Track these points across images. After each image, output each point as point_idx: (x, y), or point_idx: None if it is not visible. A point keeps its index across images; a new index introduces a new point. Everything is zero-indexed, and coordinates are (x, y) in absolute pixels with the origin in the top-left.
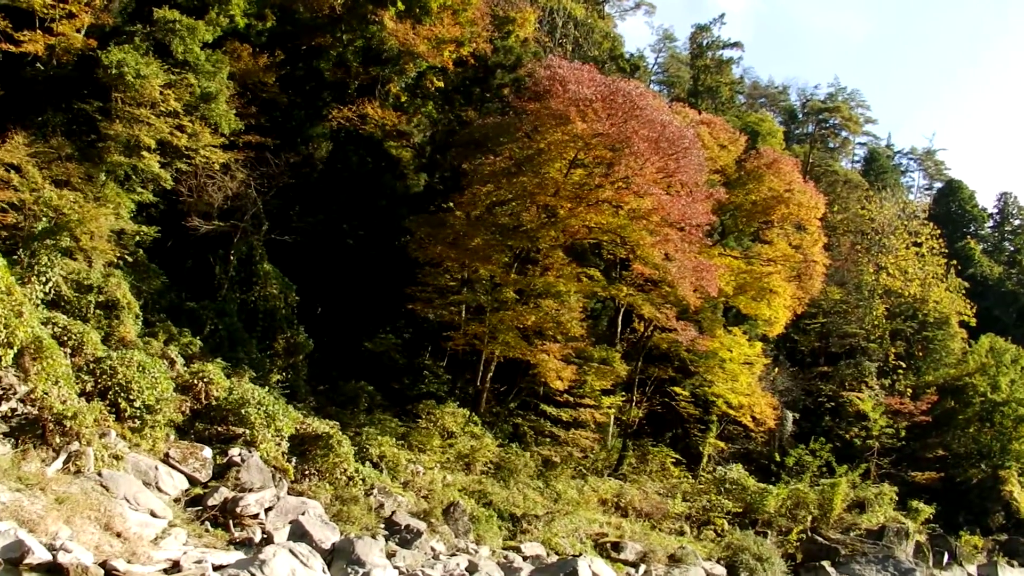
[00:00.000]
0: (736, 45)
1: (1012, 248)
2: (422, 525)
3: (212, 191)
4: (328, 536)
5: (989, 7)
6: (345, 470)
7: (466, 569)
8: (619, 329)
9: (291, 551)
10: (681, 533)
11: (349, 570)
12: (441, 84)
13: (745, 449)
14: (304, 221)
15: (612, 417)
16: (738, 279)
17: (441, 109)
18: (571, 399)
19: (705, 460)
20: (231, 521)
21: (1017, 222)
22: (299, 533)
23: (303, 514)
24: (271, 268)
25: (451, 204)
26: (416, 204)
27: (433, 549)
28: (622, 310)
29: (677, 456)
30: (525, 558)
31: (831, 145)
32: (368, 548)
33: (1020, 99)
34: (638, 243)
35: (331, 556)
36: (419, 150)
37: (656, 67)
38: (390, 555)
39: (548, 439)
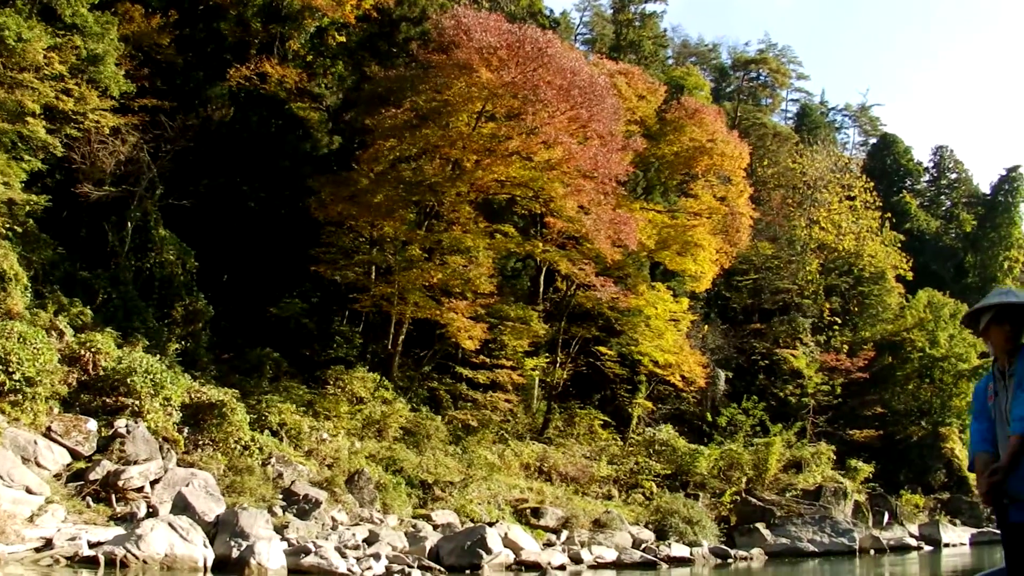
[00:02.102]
0: None
1: (949, 203)
2: (323, 495)
3: (104, 157)
4: (213, 508)
5: None
6: (240, 439)
7: (365, 540)
8: (541, 288)
9: (170, 525)
10: (609, 497)
11: (232, 543)
12: (343, 39)
13: (677, 410)
14: (202, 185)
15: (536, 379)
16: (661, 233)
17: (349, 68)
18: (488, 361)
19: (635, 422)
20: (114, 495)
21: (954, 176)
22: (182, 506)
23: (187, 485)
24: (167, 233)
25: (358, 164)
26: (324, 165)
27: (334, 519)
28: (544, 269)
29: (605, 418)
30: (436, 527)
31: (764, 102)
32: (253, 519)
33: (956, 53)
34: (551, 196)
35: (215, 529)
36: (333, 113)
37: (581, 26)
38: (283, 526)
39: (470, 404)
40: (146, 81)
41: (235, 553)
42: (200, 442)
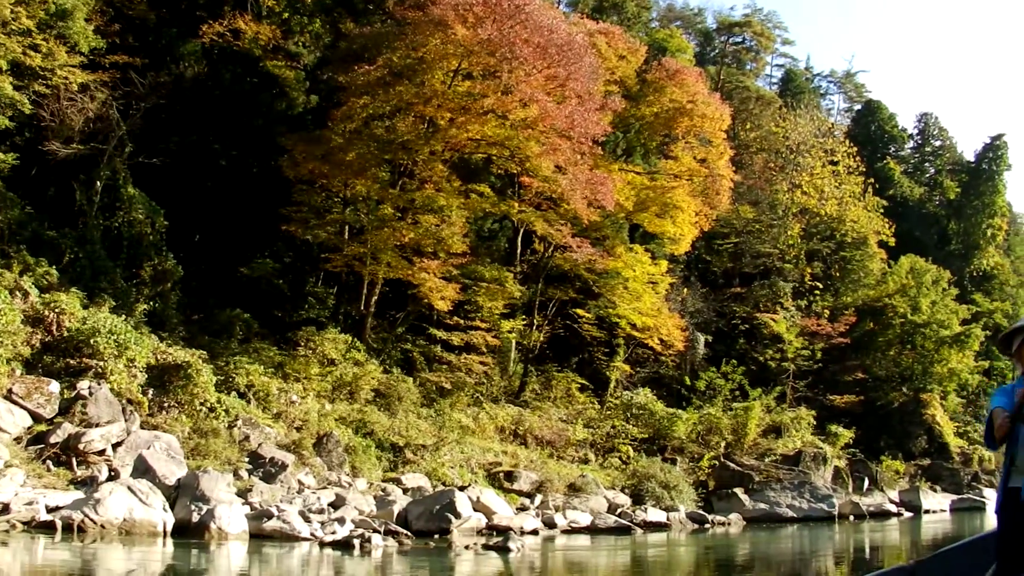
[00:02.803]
0: None
1: (933, 170)
2: (290, 458)
3: (73, 114)
4: (174, 471)
5: None
6: (206, 401)
7: (331, 504)
8: (518, 250)
9: (130, 488)
10: (585, 461)
11: (192, 507)
12: None
13: (656, 374)
14: (173, 143)
15: (513, 342)
16: (640, 195)
17: (326, 27)
18: (462, 322)
19: (613, 385)
20: (74, 459)
21: (938, 143)
22: (142, 469)
23: (148, 448)
24: (137, 192)
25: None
26: (300, 124)
27: (301, 483)
28: (521, 230)
29: (583, 381)
30: (405, 490)
31: (748, 66)
32: (214, 483)
33: (943, 20)
34: (527, 155)
35: (176, 492)
36: (310, 71)
37: None
38: (247, 490)
39: (445, 367)
40: (117, 37)
41: (195, 517)
42: (165, 404)
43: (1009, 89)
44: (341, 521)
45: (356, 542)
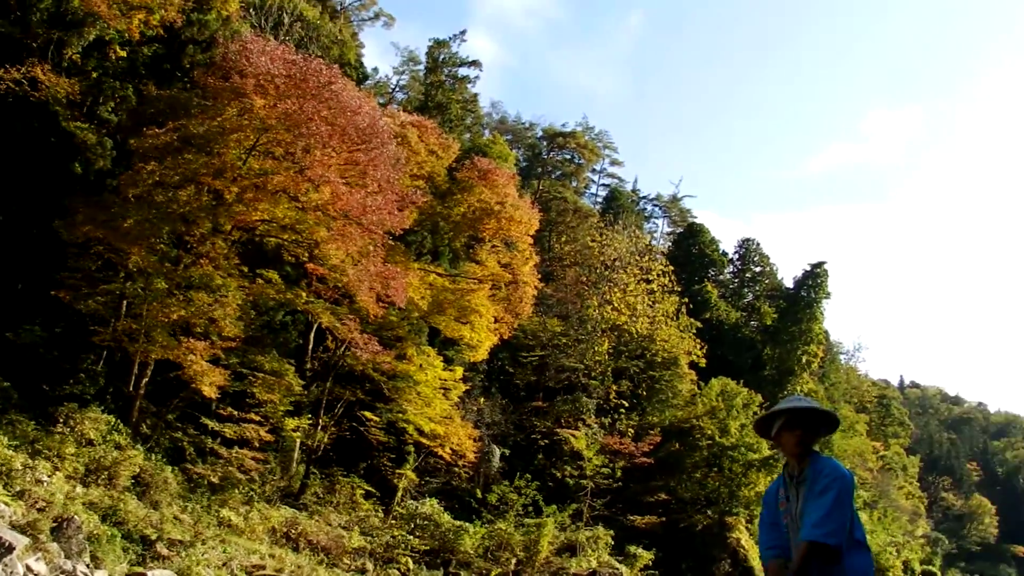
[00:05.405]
0: (474, 64)
1: (752, 295)
2: (23, 540)
3: None
4: None
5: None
6: None
7: None
8: (311, 345)
9: None
10: (363, 572)
11: None
12: (124, 54)
13: (449, 485)
14: None
15: (297, 441)
16: (439, 296)
17: (134, 91)
18: (236, 414)
19: (400, 494)
20: None
21: (758, 269)
22: None
23: None
24: None
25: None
26: (96, 189)
27: (30, 568)
28: (315, 325)
29: (370, 488)
30: None
31: (574, 183)
32: None
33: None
34: (316, 240)
35: None
36: (116, 136)
37: (397, 90)
38: None
39: (222, 461)
40: None
41: None
42: None
43: (829, 217)
44: None
45: None
